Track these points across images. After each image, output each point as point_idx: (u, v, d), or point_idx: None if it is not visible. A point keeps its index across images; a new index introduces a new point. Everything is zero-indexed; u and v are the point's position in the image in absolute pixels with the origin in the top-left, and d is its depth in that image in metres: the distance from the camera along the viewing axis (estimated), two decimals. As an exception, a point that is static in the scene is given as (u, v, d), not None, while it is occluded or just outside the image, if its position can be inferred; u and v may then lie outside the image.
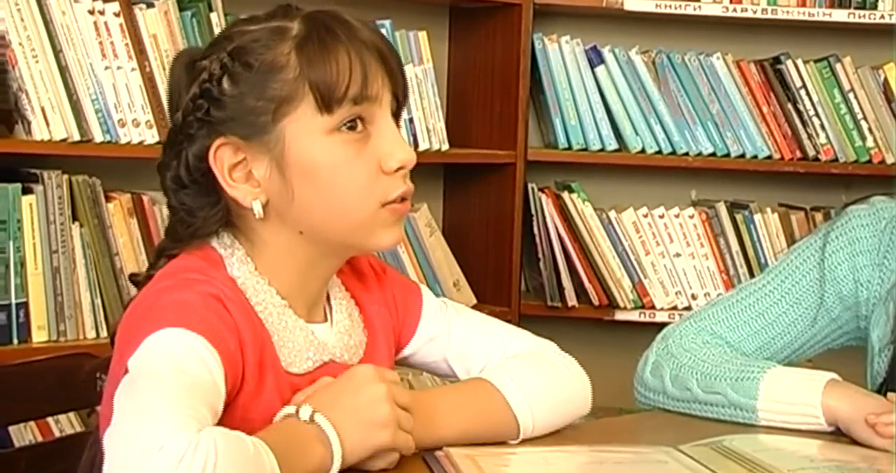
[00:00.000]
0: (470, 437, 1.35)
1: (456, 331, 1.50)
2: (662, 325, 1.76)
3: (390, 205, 1.31)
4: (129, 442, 1.04)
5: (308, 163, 1.28)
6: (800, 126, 3.06)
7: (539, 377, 1.43)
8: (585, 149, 3.02)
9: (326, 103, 1.27)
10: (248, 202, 1.29)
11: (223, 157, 1.29)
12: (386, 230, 1.32)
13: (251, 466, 1.06)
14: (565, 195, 3.02)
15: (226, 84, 1.28)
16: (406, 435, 1.25)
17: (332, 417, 1.20)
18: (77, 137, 2.33)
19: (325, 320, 1.38)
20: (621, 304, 3.02)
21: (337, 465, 1.18)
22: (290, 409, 1.21)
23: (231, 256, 1.32)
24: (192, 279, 1.25)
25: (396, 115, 1.34)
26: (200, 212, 1.31)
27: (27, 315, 2.29)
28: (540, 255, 3.00)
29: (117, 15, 2.39)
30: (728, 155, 3.05)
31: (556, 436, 1.43)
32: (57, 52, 2.33)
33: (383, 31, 2.66)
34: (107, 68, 2.38)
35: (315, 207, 1.30)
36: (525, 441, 1.39)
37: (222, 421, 1.15)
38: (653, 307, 3.04)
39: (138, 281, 1.35)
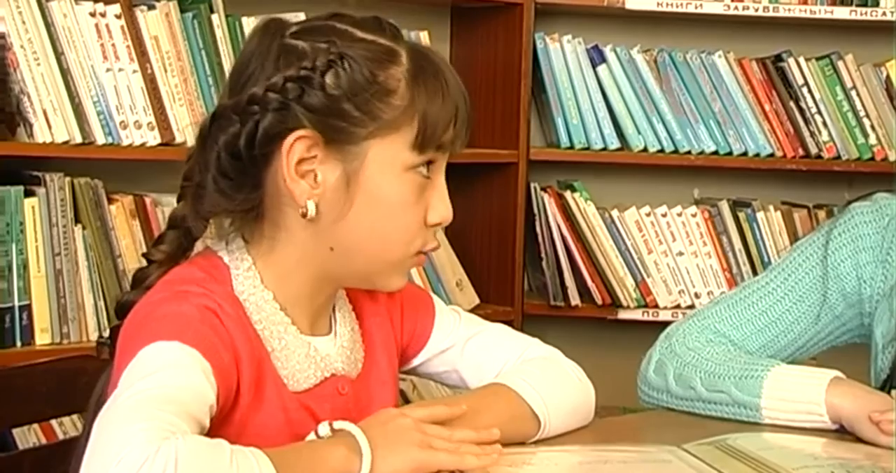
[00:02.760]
0: None
1: (469, 344, 1.50)
2: (666, 324, 1.75)
3: (420, 255, 1.33)
4: (92, 458, 1.05)
5: (377, 190, 1.27)
6: (802, 124, 3.05)
7: (553, 380, 1.45)
8: (588, 149, 3.02)
9: (424, 141, 1.27)
10: (303, 200, 1.26)
11: (297, 149, 1.25)
12: (401, 276, 1.34)
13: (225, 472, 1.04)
14: (568, 194, 3.02)
15: (329, 79, 1.25)
16: (453, 455, 1.21)
17: (363, 430, 1.17)
18: (79, 139, 2.33)
19: (329, 332, 1.38)
20: (624, 303, 3.02)
21: (367, 460, 1.14)
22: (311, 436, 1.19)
23: (237, 268, 1.30)
24: (189, 291, 1.24)
25: None
26: (230, 190, 1.27)
27: (30, 317, 2.29)
28: (543, 255, 3.00)
29: (118, 17, 2.39)
30: (730, 153, 3.05)
31: (560, 436, 1.43)
32: (58, 55, 2.33)
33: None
34: (108, 70, 2.38)
35: (361, 232, 1.28)
36: (529, 442, 1.40)
37: (217, 435, 1.15)
38: (656, 306, 3.03)
39: (152, 259, 1.31)
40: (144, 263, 1.33)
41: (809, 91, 3.06)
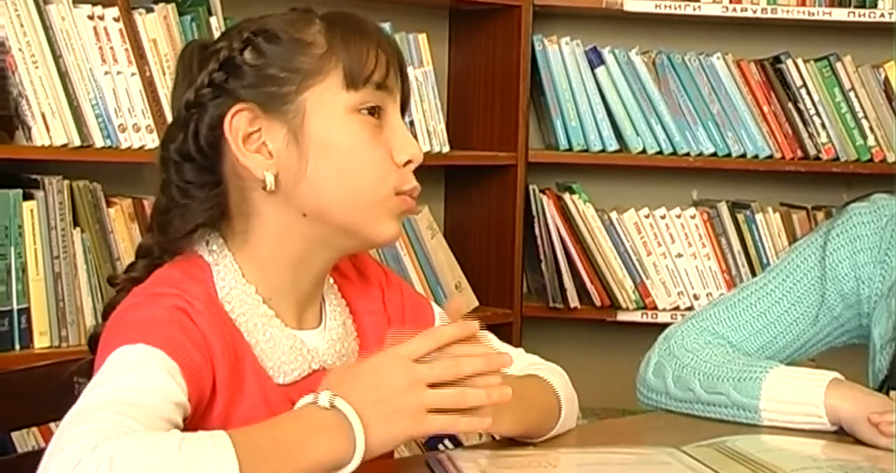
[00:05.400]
0: (527, 429, 1.37)
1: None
2: (664, 326, 1.76)
3: (402, 196, 1.32)
4: (44, 459, 1.06)
5: (326, 138, 1.29)
6: (800, 125, 3.06)
7: (560, 381, 1.47)
8: (586, 150, 3.02)
9: (354, 79, 1.29)
10: (260, 173, 1.29)
11: (239, 125, 1.29)
12: (390, 221, 1.32)
13: (171, 464, 1.03)
14: (566, 196, 3.02)
15: (248, 55, 1.30)
16: (442, 418, 1.15)
17: (355, 404, 1.13)
18: (77, 142, 2.33)
19: (318, 325, 1.38)
20: (623, 305, 3.01)
21: (360, 449, 1.12)
22: (308, 398, 1.14)
23: (218, 264, 1.32)
24: (162, 293, 1.25)
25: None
26: (198, 192, 1.30)
27: (29, 321, 2.29)
28: (542, 257, 3.00)
29: (117, 20, 2.39)
30: (729, 155, 3.05)
31: (559, 438, 1.44)
32: (57, 58, 2.33)
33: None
34: (107, 73, 2.38)
35: (326, 185, 1.29)
36: (526, 443, 1.40)
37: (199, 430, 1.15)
38: (655, 307, 3.03)
39: (116, 283, 1.34)
40: (120, 280, 1.35)
41: (808, 92, 3.06)
